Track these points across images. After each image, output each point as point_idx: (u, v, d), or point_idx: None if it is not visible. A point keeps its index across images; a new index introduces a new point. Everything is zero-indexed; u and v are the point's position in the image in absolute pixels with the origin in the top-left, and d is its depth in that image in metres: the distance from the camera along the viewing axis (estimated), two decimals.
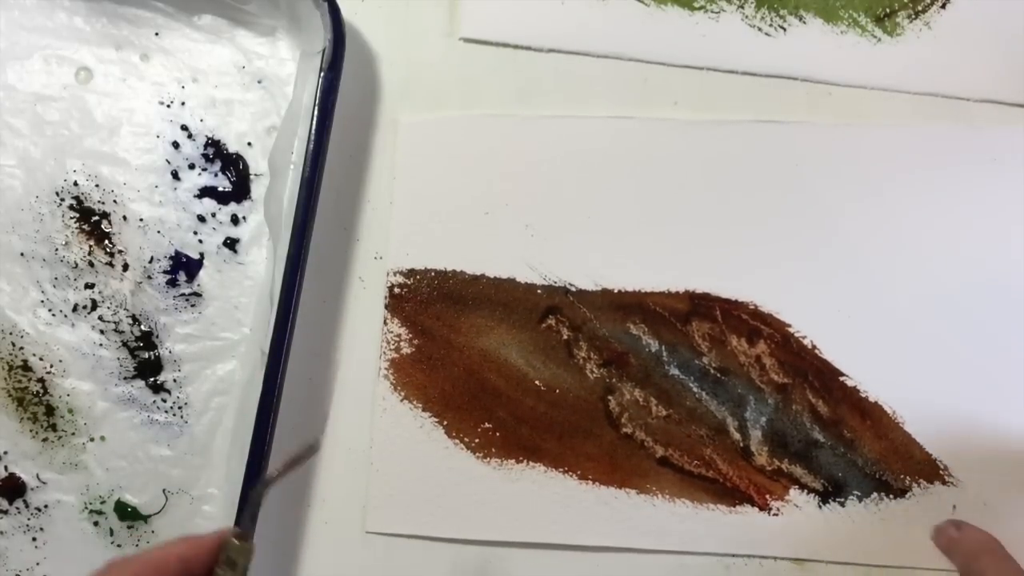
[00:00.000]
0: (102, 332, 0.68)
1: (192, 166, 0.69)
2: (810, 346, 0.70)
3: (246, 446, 0.63)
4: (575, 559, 0.69)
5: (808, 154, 0.72)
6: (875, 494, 0.69)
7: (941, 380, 0.70)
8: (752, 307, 0.70)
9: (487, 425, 0.69)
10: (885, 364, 0.70)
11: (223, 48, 0.70)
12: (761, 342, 0.70)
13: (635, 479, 0.69)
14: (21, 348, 0.68)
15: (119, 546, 0.67)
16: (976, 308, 0.71)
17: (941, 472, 0.69)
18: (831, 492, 0.69)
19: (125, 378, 0.68)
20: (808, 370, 0.70)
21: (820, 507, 0.69)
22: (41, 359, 0.68)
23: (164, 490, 0.68)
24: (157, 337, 0.68)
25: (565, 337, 0.70)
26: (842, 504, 0.69)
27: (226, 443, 0.68)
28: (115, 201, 0.69)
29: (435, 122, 0.72)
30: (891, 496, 0.69)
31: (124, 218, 0.69)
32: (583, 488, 0.69)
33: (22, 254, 0.68)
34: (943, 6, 0.74)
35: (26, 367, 0.68)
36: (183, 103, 0.70)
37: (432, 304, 0.70)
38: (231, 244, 0.69)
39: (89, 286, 0.68)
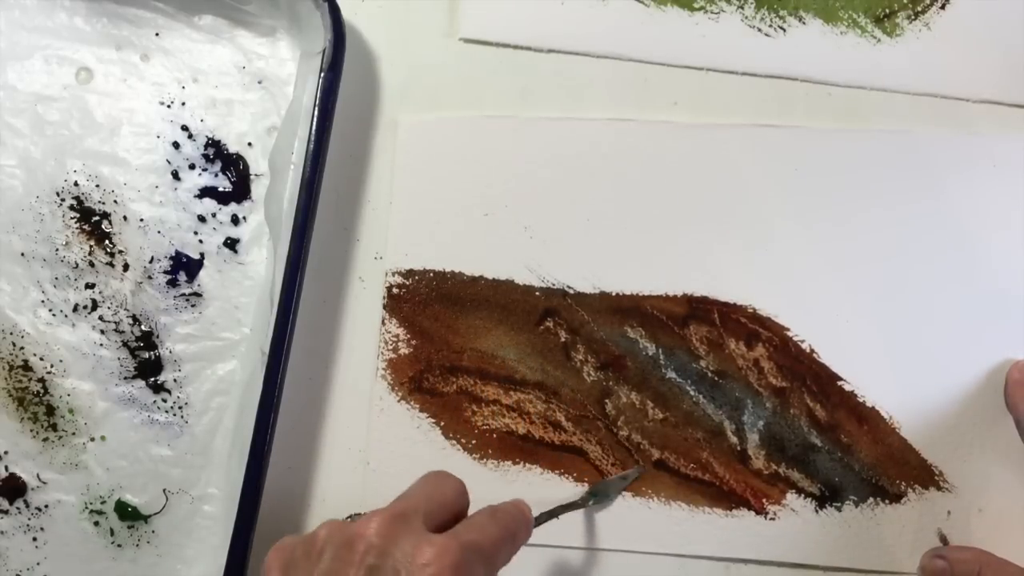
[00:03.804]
0: (102, 332, 0.68)
1: (192, 166, 0.70)
2: (808, 350, 0.70)
3: (246, 446, 0.63)
4: (572, 560, 0.69)
5: (807, 158, 0.72)
6: (871, 499, 0.69)
7: (938, 386, 0.70)
8: (750, 311, 0.70)
9: (484, 426, 0.70)
10: (882, 369, 0.70)
11: (223, 48, 0.70)
12: (759, 346, 0.70)
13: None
14: (21, 348, 0.68)
15: (119, 546, 0.67)
16: (975, 314, 0.71)
17: (936, 478, 0.70)
18: (827, 497, 0.69)
19: (125, 378, 0.68)
20: (806, 374, 0.70)
21: (816, 512, 0.69)
22: (41, 359, 0.68)
23: (164, 490, 0.68)
24: (157, 337, 0.69)
25: (563, 339, 0.70)
26: (838, 509, 0.69)
27: (226, 443, 0.68)
28: (115, 201, 0.69)
29: (435, 122, 0.72)
30: (887, 501, 0.69)
31: (124, 218, 0.69)
32: (579, 490, 0.69)
33: (22, 254, 0.68)
34: (943, 7, 0.74)
35: (26, 367, 0.68)
36: (183, 103, 0.70)
37: (430, 305, 0.70)
38: (231, 244, 0.69)
39: (89, 286, 0.68)
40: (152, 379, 0.68)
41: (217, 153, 0.70)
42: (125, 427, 0.68)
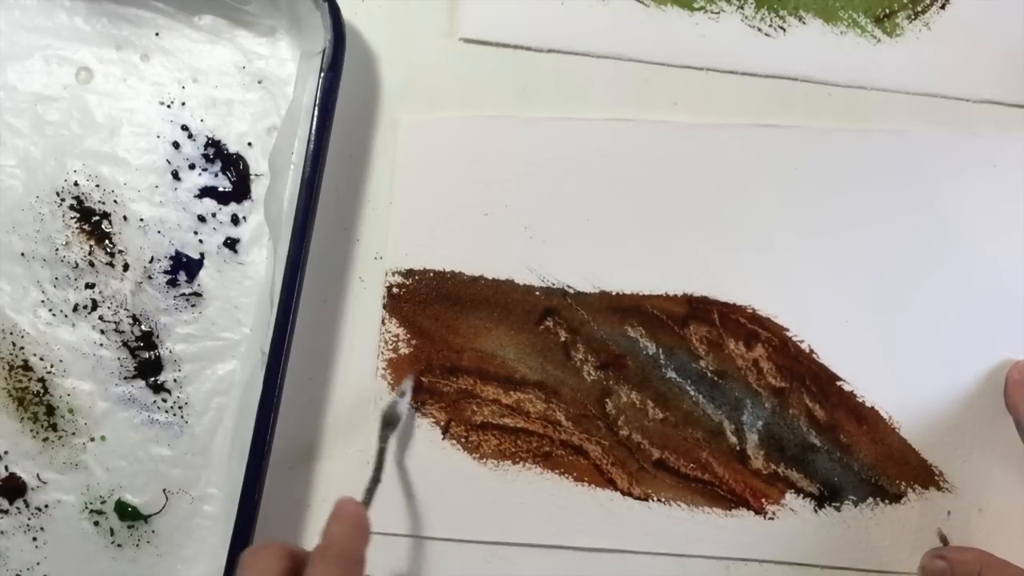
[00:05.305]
0: (102, 332, 0.68)
1: (192, 166, 0.70)
2: (807, 350, 0.70)
3: (246, 446, 0.64)
4: (572, 560, 0.69)
5: (807, 158, 0.71)
6: (871, 499, 0.69)
7: (938, 386, 0.70)
8: (750, 311, 0.70)
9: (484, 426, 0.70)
10: (882, 369, 0.70)
11: (223, 48, 0.70)
12: (759, 346, 0.70)
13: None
14: (22, 348, 0.68)
15: (119, 546, 0.67)
16: (975, 314, 0.70)
17: (936, 478, 0.70)
18: (827, 497, 0.69)
19: (125, 378, 0.68)
20: (805, 374, 0.70)
21: (816, 512, 0.69)
22: (41, 359, 0.68)
23: (164, 490, 0.68)
24: (157, 337, 0.69)
25: (563, 339, 0.70)
26: (838, 509, 0.69)
27: (226, 443, 0.68)
28: (115, 201, 0.69)
29: (435, 122, 0.72)
30: (886, 501, 0.69)
31: (124, 218, 0.69)
32: (579, 490, 0.69)
33: (22, 254, 0.68)
34: (943, 7, 0.74)
35: (26, 367, 0.68)
36: (183, 103, 0.70)
37: (430, 305, 0.70)
38: (231, 244, 0.69)
39: (89, 286, 0.69)
40: (152, 379, 0.68)
41: (217, 153, 0.70)
42: (125, 427, 0.68)
